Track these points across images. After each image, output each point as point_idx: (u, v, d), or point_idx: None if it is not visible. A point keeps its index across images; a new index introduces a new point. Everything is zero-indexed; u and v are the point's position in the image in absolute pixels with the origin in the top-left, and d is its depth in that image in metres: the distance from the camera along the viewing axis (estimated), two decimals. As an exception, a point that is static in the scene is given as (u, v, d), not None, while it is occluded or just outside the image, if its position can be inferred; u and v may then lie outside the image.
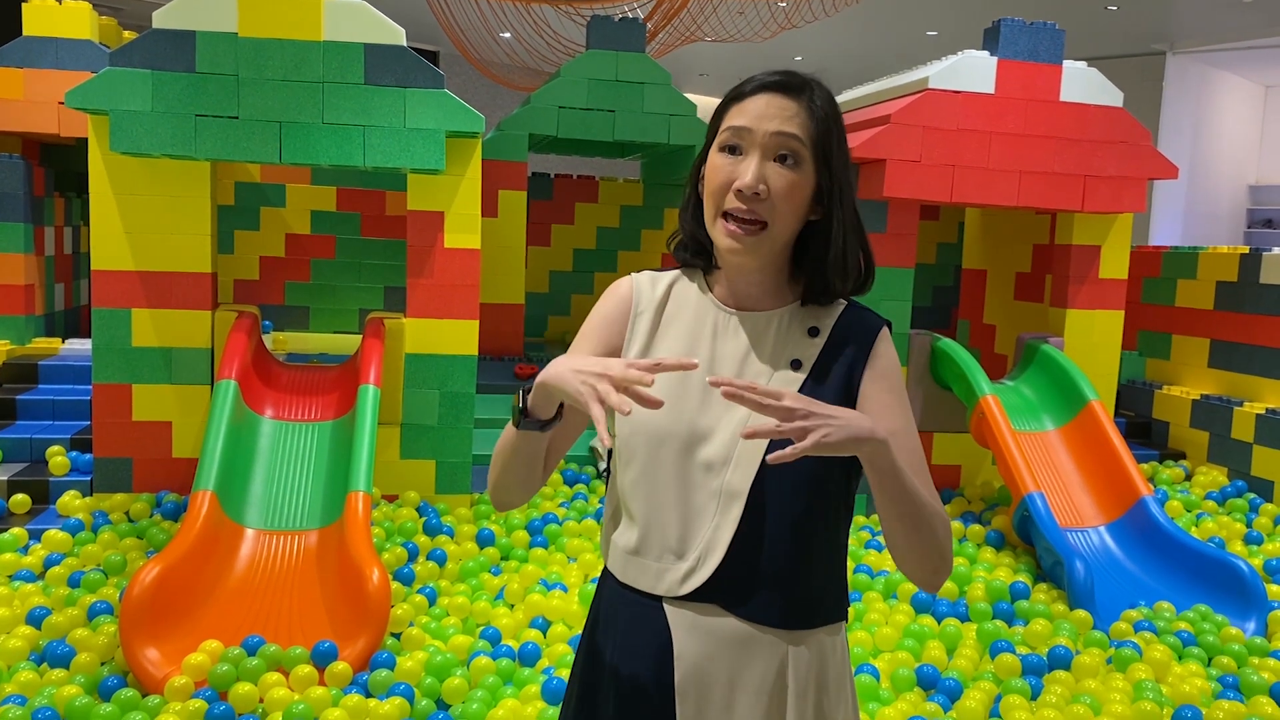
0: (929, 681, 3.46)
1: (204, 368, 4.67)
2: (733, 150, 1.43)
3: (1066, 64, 5.24)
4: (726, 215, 1.43)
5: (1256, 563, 4.72)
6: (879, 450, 1.31)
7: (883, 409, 1.45)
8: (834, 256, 1.45)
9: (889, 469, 1.33)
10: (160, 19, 4.34)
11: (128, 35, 7.03)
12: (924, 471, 1.45)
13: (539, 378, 1.39)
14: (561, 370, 1.35)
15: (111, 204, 4.51)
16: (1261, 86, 13.38)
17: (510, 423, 1.47)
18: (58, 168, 6.57)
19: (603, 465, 4.96)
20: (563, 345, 7.63)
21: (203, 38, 4.34)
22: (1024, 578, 4.41)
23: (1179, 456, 6.19)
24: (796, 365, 1.47)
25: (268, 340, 5.90)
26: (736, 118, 1.43)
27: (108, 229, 4.52)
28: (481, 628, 3.72)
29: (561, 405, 1.43)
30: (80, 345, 5.68)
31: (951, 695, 3.40)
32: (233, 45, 4.35)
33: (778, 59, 11.84)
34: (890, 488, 1.35)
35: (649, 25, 9.68)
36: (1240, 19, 10.70)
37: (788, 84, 1.44)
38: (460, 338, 4.84)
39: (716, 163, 1.44)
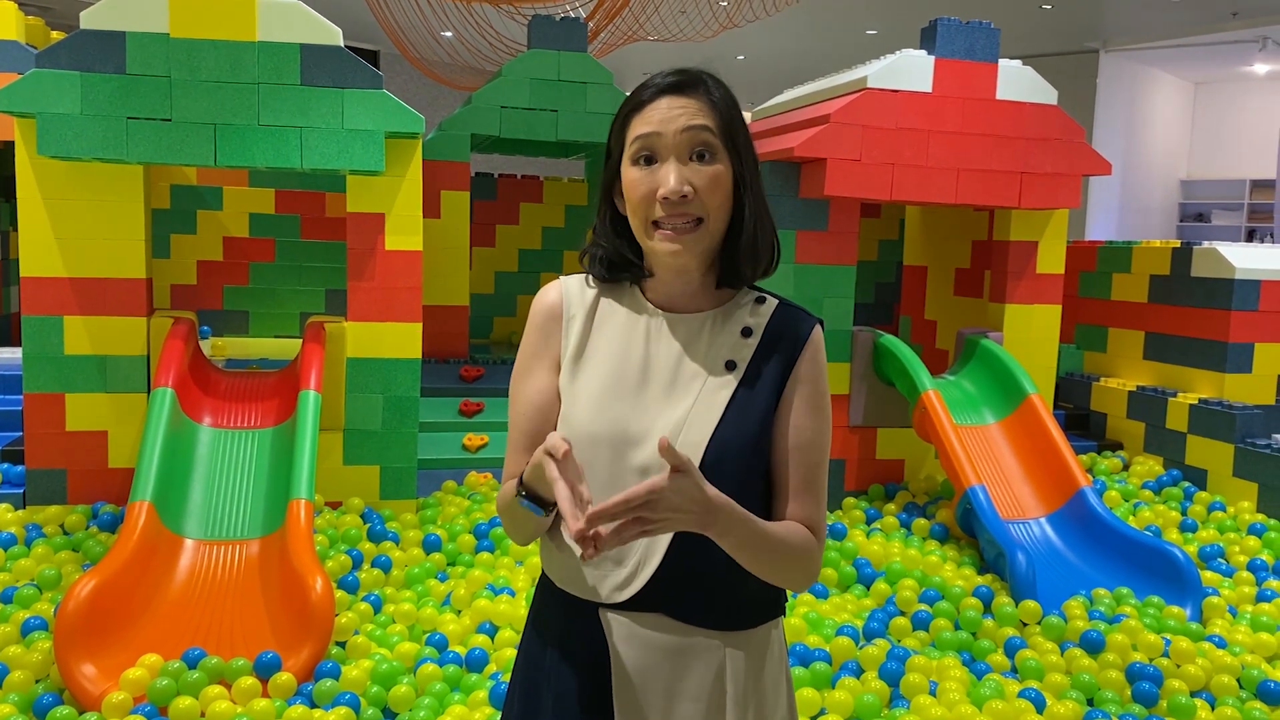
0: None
1: (140, 376, 4.57)
2: (647, 160, 1.42)
3: (1002, 63, 5.31)
4: (657, 224, 1.42)
5: (1191, 550, 4.84)
6: (721, 535, 1.33)
7: (800, 419, 1.47)
8: (745, 242, 1.46)
9: (737, 544, 1.35)
10: (89, 19, 4.24)
11: (56, 35, 6.86)
12: (817, 483, 1.48)
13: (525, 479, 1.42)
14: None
15: (40, 209, 4.40)
16: (1191, 83, 13.71)
17: (516, 504, 1.45)
18: (-16, 172, 6.41)
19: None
20: (509, 345, 7.58)
21: (133, 38, 4.25)
22: (968, 570, 4.48)
23: (1116, 447, 6.31)
24: (731, 366, 1.48)
25: (206, 346, 5.79)
26: (642, 126, 1.42)
27: (37, 234, 4.41)
28: (428, 634, 3.69)
29: None
30: (10, 354, 5.53)
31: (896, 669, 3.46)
32: (164, 46, 4.27)
33: (719, 58, 11.88)
34: (744, 555, 1.38)
35: (590, 25, 9.66)
36: (1170, 18, 10.95)
37: (682, 83, 1.43)
38: (403, 341, 4.80)
39: (633, 176, 1.43)
